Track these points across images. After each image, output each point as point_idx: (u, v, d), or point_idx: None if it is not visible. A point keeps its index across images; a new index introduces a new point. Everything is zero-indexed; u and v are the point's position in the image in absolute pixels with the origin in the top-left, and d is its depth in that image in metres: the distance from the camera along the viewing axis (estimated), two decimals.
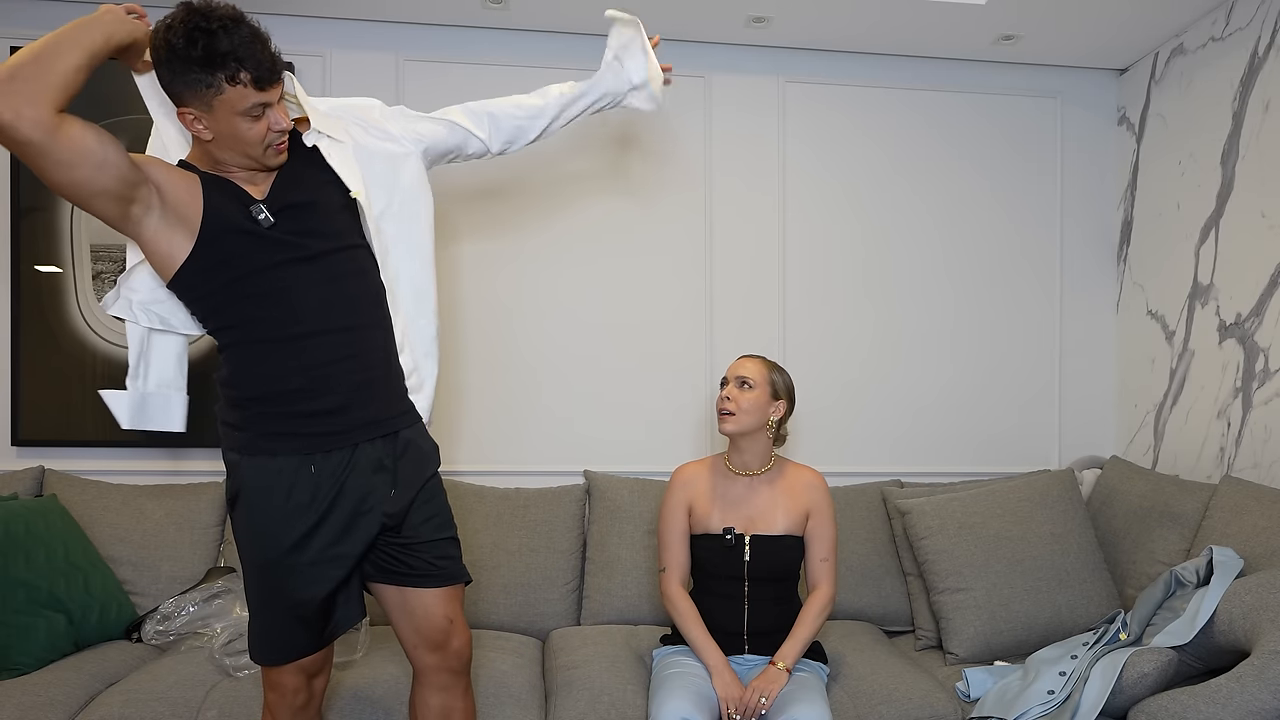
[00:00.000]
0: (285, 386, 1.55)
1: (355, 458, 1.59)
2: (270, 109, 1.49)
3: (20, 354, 2.70)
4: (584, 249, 2.93)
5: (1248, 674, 1.71)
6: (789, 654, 2.01)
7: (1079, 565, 2.41)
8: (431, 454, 1.71)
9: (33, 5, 2.72)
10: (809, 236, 3.03)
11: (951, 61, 3.08)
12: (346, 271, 1.60)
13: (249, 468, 1.57)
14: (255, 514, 1.57)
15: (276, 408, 1.56)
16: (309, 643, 1.63)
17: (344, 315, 1.58)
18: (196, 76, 1.42)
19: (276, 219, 1.54)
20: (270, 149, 1.53)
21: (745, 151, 3.01)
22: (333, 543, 1.58)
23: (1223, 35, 2.67)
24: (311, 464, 1.56)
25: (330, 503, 1.57)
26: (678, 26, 2.83)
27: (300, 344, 1.55)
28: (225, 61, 1.41)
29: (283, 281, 1.54)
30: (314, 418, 1.56)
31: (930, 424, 3.08)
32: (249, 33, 1.44)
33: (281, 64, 1.50)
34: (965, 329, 3.10)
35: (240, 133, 1.48)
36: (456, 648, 1.69)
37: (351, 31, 2.84)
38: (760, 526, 2.11)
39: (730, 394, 2.14)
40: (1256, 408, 2.54)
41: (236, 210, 1.53)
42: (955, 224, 3.10)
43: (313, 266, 1.56)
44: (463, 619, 1.71)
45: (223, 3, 1.46)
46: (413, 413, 1.69)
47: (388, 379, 1.65)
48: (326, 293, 1.57)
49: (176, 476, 2.74)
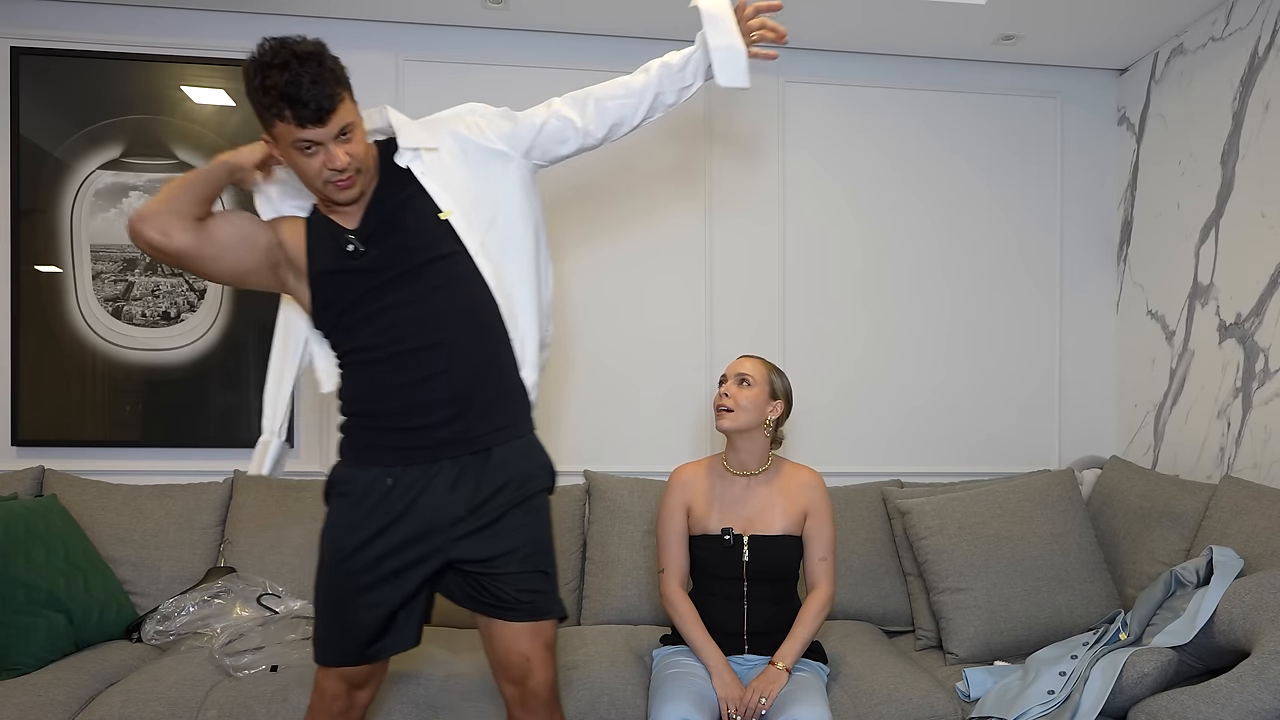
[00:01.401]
0: (378, 405, 1.62)
1: (433, 474, 1.60)
2: (325, 146, 1.52)
3: (20, 354, 2.70)
4: (582, 249, 2.93)
5: (1248, 674, 1.71)
6: (788, 654, 2.00)
7: (1079, 565, 2.41)
8: (529, 476, 1.66)
9: (33, 5, 2.73)
10: (809, 236, 3.03)
11: (951, 61, 3.08)
12: (434, 285, 1.60)
13: (340, 473, 1.67)
14: (331, 516, 1.65)
15: (369, 422, 1.64)
16: (353, 653, 1.62)
17: (432, 331, 1.60)
18: (258, 106, 1.52)
19: (366, 246, 1.60)
20: (330, 185, 1.56)
21: (744, 151, 3.01)
22: (390, 555, 1.59)
23: (1223, 35, 2.67)
24: (390, 476, 1.61)
25: (397, 516, 1.59)
26: (677, 26, 2.83)
27: (392, 363, 1.60)
28: (272, 97, 1.48)
29: (375, 306, 1.60)
30: (398, 433, 1.61)
31: (930, 424, 3.08)
32: (302, 72, 1.47)
33: (333, 103, 1.50)
34: (964, 329, 3.10)
35: (299, 165, 1.56)
36: (533, 686, 1.64)
37: (351, 31, 2.84)
38: (759, 526, 2.11)
39: (729, 390, 2.14)
40: (1256, 408, 2.53)
41: (331, 247, 1.62)
42: (955, 224, 3.10)
43: (400, 287, 1.60)
44: (545, 657, 1.64)
45: (302, 38, 1.53)
46: (513, 428, 1.66)
47: (487, 391, 1.63)
48: (414, 311, 1.60)
49: (176, 476, 2.74)
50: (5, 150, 2.71)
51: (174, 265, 1.69)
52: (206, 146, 2.77)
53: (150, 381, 2.76)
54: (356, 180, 1.57)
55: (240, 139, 2.78)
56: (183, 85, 2.76)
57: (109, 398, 2.74)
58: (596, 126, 1.78)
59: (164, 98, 2.75)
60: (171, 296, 2.77)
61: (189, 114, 2.77)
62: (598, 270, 2.93)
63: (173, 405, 2.76)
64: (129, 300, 2.75)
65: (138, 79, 2.74)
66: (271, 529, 2.54)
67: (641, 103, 1.79)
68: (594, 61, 2.91)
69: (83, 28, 2.74)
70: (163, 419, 2.76)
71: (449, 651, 2.20)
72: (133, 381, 2.75)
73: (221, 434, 2.78)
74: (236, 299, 2.78)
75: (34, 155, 2.71)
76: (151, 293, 2.76)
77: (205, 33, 2.79)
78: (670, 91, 1.81)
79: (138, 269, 2.76)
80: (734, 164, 3.00)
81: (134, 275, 2.75)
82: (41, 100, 2.71)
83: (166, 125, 2.76)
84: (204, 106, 2.78)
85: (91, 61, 2.73)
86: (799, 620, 2.07)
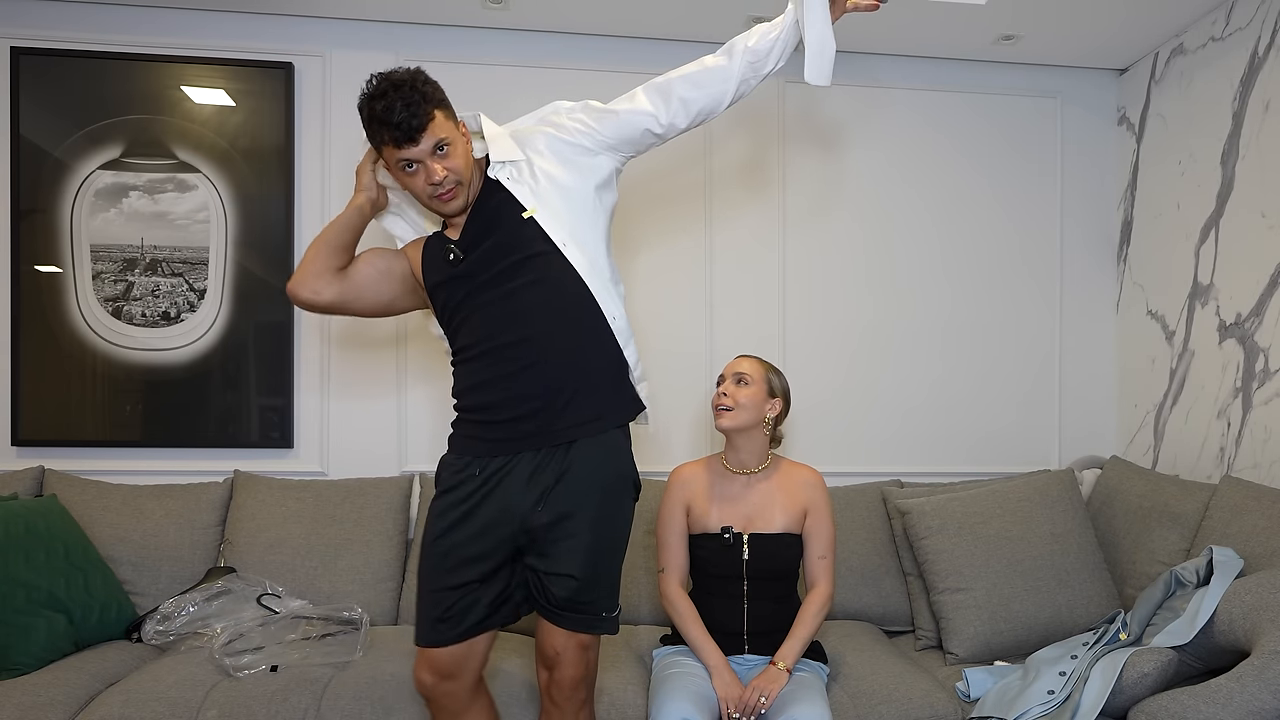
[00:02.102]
0: (476, 400, 1.73)
1: (513, 465, 1.69)
2: (424, 163, 1.64)
3: (20, 354, 2.70)
4: None
5: (1248, 674, 1.71)
6: (789, 654, 2.01)
7: (1079, 565, 2.41)
8: (604, 484, 1.71)
9: (33, 5, 2.72)
10: (809, 236, 3.03)
11: (951, 61, 3.08)
12: (524, 283, 1.68)
13: (444, 461, 1.78)
14: (433, 502, 1.75)
15: (468, 415, 1.76)
16: (435, 632, 1.70)
17: (520, 327, 1.68)
18: (371, 138, 1.66)
19: (466, 253, 1.71)
20: (435, 199, 1.68)
21: (744, 151, 3.01)
22: (468, 541, 1.68)
23: (1223, 35, 2.67)
24: (477, 466, 1.71)
25: (477, 504, 1.69)
26: (678, 26, 2.84)
27: (486, 360, 1.71)
28: (374, 125, 1.62)
29: (473, 307, 1.71)
30: (488, 425, 1.71)
31: (930, 424, 3.08)
32: (396, 97, 1.58)
33: (424, 121, 1.60)
34: (965, 329, 3.10)
35: (405, 183, 1.69)
36: (559, 677, 1.73)
37: (351, 31, 2.84)
38: (758, 525, 2.11)
39: (727, 390, 2.14)
40: (1256, 408, 2.53)
41: (440, 258, 1.75)
42: (955, 224, 3.10)
43: (493, 288, 1.69)
44: (577, 655, 1.72)
45: (405, 68, 1.65)
46: (605, 420, 1.72)
47: (577, 383, 1.70)
48: (502, 310, 1.69)
49: (176, 476, 2.74)
50: (5, 150, 2.71)
51: (331, 314, 1.92)
52: (206, 146, 2.77)
53: (150, 381, 2.76)
54: (459, 192, 1.68)
55: (240, 139, 2.78)
56: (183, 85, 2.76)
57: (109, 398, 2.74)
58: (681, 119, 1.80)
59: (164, 98, 2.75)
60: (171, 296, 2.77)
61: (189, 114, 2.77)
62: None
63: (173, 405, 2.76)
64: (129, 300, 2.75)
65: (138, 79, 2.74)
66: (271, 529, 2.54)
67: (726, 91, 1.79)
68: (594, 61, 2.92)
69: (83, 28, 2.74)
70: (163, 419, 2.76)
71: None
72: (133, 381, 2.75)
73: (221, 434, 2.78)
74: (236, 299, 2.79)
75: (34, 155, 2.71)
76: (151, 293, 2.76)
77: (205, 33, 2.79)
78: (754, 79, 1.81)
79: (138, 269, 2.76)
80: (733, 164, 3.00)
81: (134, 275, 2.76)
82: (41, 100, 2.71)
83: (166, 125, 2.76)
84: (204, 106, 2.78)
85: (91, 61, 2.72)
86: (799, 619, 2.07)
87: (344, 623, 2.28)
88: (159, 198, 2.76)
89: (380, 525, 2.58)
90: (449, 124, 1.66)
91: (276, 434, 2.80)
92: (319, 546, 2.53)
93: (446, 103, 1.68)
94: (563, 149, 1.76)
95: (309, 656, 2.13)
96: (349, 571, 2.51)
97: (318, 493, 2.63)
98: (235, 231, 2.79)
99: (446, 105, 1.67)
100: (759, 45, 1.77)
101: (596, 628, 1.71)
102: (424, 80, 1.63)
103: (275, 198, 2.80)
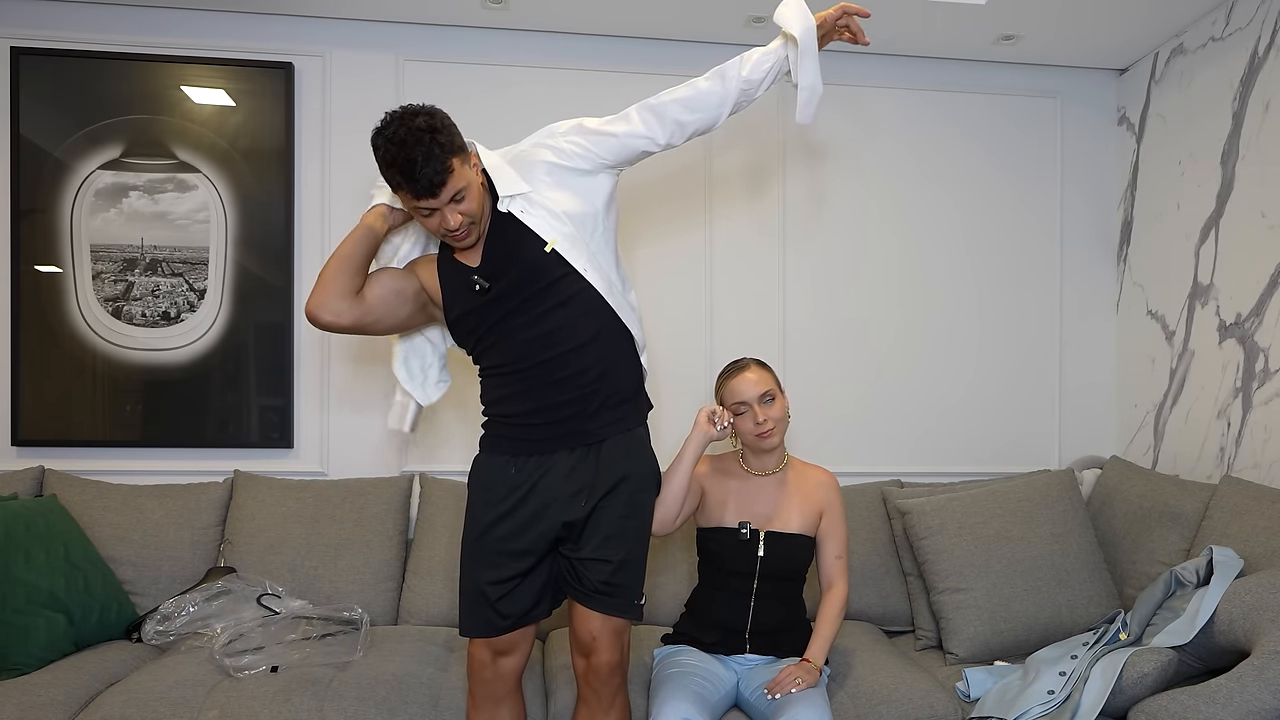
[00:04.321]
0: (509, 409, 1.82)
1: (551, 463, 1.80)
2: (439, 211, 1.66)
3: (20, 354, 2.70)
4: None
5: (1248, 674, 1.71)
6: (818, 653, 2.02)
7: (1079, 565, 2.41)
8: (633, 477, 1.81)
9: (33, 5, 2.72)
10: (809, 236, 3.03)
11: (951, 61, 3.08)
12: (551, 306, 1.76)
13: (478, 462, 1.87)
14: (470, 500, 1.85)
15: (501, 420, 1.85)
16: (486, 624, 1.79)
17: (548, 347, 1.77)
18: (383, 174, 1.67)
19: (491, 282, 1.77)
20: (448, 238, 1.73)
21: (744, 151, 3.01)
22: (512, 536, 1.78)
23: (1223, 35, 2.67)
24: (514, 465, 1.81)
25: (519, 500, 1.78)
26: (677, 26, 2.84)
27: (519, 376, 1.79)
28: (391, 172, 1.64)
29: (503, 331, 1.79)
30: (522, 428, 1.81)
31: (930, 424, 3.08)
32: (415, 151, 1.59)
33: (444, 176, 1.62)
34: (965, 329, 3.10)
35: (421, 222, 1.73)
36: (596, 663, 1.81)
37: (351, 31, 2.84)
38: (776, 524, 2.11)
39: (761, 414, 2.07)
40: (1256, 408, 2.53)
41: (462, 285, 1.80)
42: (955, 223, 3.10)
43: (523, 313, 1.77)
44: (612, 640, 1.81)
45: (423, 108, 1.65)
46: (628, 421, 1.84)
47: (604, 392, 1.80)
48: (535, 332, 1.77)
49: (176, 476, 2.74)
50: (5, 150, 2.71)
51: (347, 334, 1.95)
52: (206, 146, 2.77)
53: (150, 381, 2.76)
54: (472, 231, 1.73)
55: (240, 139, 2.78)
56: (183, 85, 2.76)
57: (109, 398, 2.74)
58: (676, 139, 1.88)
59: (164, 98, 2.75)
60: (171, 296, 2.77)
61: (189, 114, 2.77)
62: None
63: (173, 405, 2.76)
64: (129, 300, 2.75)
65: (138, 79, 2.74)
66: (271, 529, 2.54)
67: (721, 115, 1.88)
68: (594, 61, 2.91)
69: (83, 28, 2.74)
70: (162, 419, 2.76)
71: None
72: (133, 381, 2.75)
73: (221, 434, 2.78)
74: (236, 299, 2.79)
75: (34, 155, 2.71)
76: (151, 293, 2.76)
77: (205, 33, 2.79)
78: (744, 104, 1.90)
79: (137, 269, 2.76)
80: (734, 164, 3.00)
81: (134, 275, 2.75)
82: (41, 100, 2.71)
83: (166, 125, 2.76)
84: (204, 106, 2.78)
85: (91, 61, 2.72)
86: (821, 619, 2.07)
87: (344, 623, 2.28)
88: (159, 198, 2.76)
89: (380, 525, 2.58)
90: (465, 169, 1.67)
91: (276, 434, 2.80)
92: (319, 546, 2.53)
93: (462, 145, 1.68)
94: (564, 176, 1.80)
95: (309, 657, 2.13)
96: (349, 571, 2.51)
97: (318, 493, 2.63)
98: (235, 231, 2.79)
99: (462, 149, 1.68)
100: (752, 76, 1.86)
101: (628, 612, 1.81)
102: (442, 127, 1.62)
103: (275, 198, 2.80)
